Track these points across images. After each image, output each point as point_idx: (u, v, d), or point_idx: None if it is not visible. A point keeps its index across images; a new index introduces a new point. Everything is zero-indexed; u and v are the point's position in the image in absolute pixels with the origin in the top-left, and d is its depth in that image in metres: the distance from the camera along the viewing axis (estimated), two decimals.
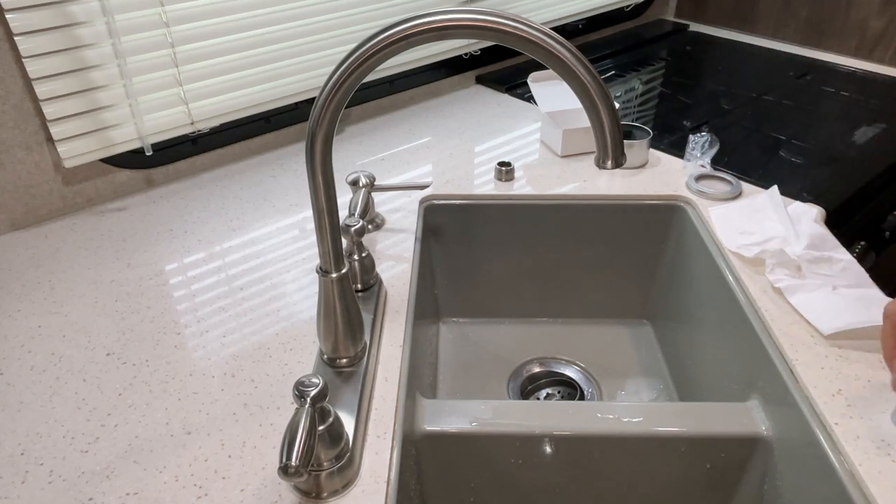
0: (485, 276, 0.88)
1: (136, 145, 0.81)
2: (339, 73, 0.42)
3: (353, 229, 0.61)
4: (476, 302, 0.91)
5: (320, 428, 0.45)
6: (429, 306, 0.83)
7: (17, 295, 0.67)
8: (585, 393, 0.82)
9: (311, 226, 0.77)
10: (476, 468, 0.61)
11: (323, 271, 0.51)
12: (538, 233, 0.84)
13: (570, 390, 0.83)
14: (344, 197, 0.80)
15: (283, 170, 0.90)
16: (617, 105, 1.03)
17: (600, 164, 0.44)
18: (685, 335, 0.79)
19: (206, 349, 0.60)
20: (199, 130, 0.86)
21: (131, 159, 0.83)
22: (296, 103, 0.95)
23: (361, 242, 0.64)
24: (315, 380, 0.44)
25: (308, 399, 0.43)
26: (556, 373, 0.85)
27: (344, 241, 0.57)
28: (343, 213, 0.57)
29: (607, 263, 0.87)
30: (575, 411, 0.60)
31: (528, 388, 0.84)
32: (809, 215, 0.71)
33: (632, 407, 0.60)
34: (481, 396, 0.81)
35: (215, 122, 0.87)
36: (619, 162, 0.44)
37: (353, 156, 0.93)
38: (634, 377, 0.84)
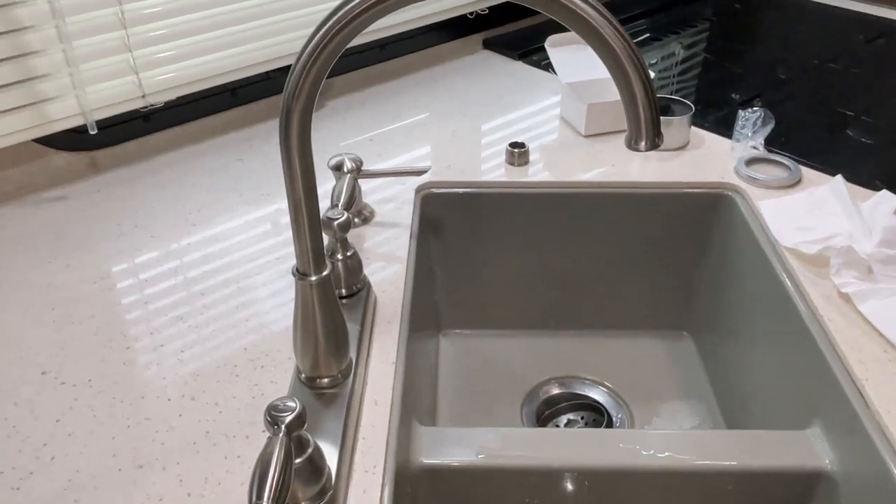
0: (494, 280, 0.88)
1: (78, 122, 0.81)
2: (319, 35, 0.42)
3: (336, 223, 0.61)
4: (483, 310, 0.91)
5: (297, 461, 0.45)
6: (427, 315, 0.83)
7: None
8: (614, 419, 0.82)
9: (286, 219, 0.77)
10: None
11: (300, 274, 0.51)
12: (557, 228, 0.85)
13: (596, 416, 0.83)
14: (325, 185, 0.80)
15: (253, 152, 0.90)
16: (652, 74, 1.03)
17: (632, 144, 0.44)
18: (732, 350, 0.80)
19: (161, 366, 0.60)
20: (151, 105, 0.86)
21: (71, 140, 0.83)
22: (267, 72, 0.95)
23: (346, 239, 0.64)
24: (291, 403, 0.44)
25: (282, 426, 0.43)
26: (579, 395, 0.85)
27: (325, 238, 0.57)
28: (324, 204, 0.57)
29: (640, 264, 0.87)
30: (601, 441, 0.60)
31: (545, 414, 0.84)
32: (886, 206, 0.71)
33: (669, 436, 0.60)
34: (489, 423, 0.82)
35: (171, 95, 0.87)
36: (654, 142, 0.44)
37: (336, 136, 0.93)
38: (672, 400, 0.84)
